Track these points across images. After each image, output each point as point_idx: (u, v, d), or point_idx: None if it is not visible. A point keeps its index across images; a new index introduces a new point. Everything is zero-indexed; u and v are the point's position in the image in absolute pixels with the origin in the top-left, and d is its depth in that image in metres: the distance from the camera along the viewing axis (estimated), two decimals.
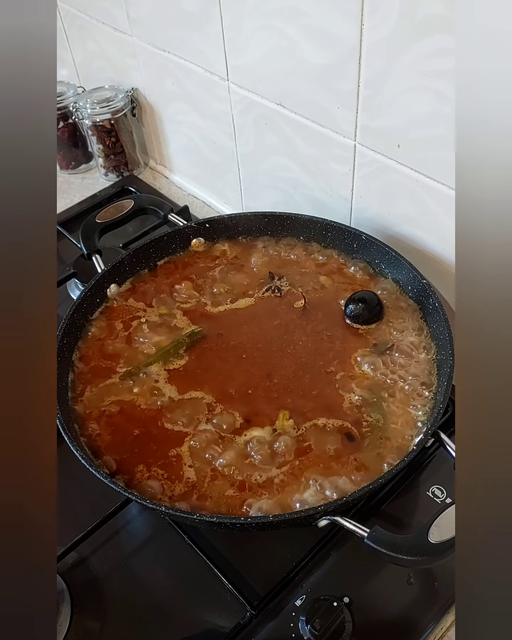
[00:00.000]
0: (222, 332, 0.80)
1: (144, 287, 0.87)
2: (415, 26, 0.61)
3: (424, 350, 0.75)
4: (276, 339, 0.79)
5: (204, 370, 0.76)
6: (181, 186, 1.26)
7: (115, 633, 0.68)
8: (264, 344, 0.78)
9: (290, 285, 0.85)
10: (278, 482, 0.65)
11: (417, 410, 0.69)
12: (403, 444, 0.67)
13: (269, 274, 0.86)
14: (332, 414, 0.70)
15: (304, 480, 0.65)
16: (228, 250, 0.91)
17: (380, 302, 0.79)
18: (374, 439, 0.68)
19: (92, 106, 1.17)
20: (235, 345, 0.78)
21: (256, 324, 0.81)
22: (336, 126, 0.79)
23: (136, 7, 1.00)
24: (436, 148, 0.68)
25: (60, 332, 0.75)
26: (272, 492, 0.65)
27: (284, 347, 0.78)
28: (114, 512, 0.73)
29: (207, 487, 0.66)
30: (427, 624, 0.66)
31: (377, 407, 0.70)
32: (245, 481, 0.66)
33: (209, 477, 0.66)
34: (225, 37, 0.85)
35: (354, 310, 0.78)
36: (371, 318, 0.78)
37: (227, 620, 0.68)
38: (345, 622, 0.65)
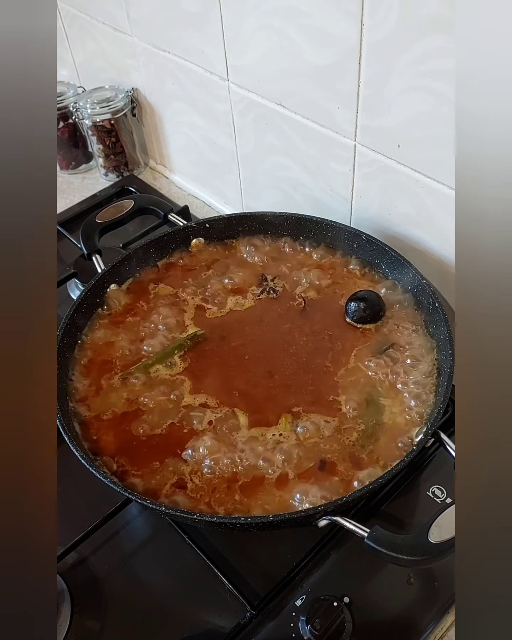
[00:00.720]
0: (224, 334, 0.80)
1: (144, 288, 0.87)
2: (415, 26, 0.61)
3: (424, 350, 0.75)
4: (277, 340, 0.79)
5: (204, 373, 0.76)
6: (181, 186, 1.26)
7: (115, 633, 0.68)
8: (265, 345, 0.78)
9: (289, 285, 0.85)
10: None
11: (417, 410, 0.69)
12: (403, 443, 0.67)
13: (261, 276, 0.86)
14: (331, 413, 0.71)
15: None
16: (228, 251, 0.91)
17: (381, 302, 0.79)
18: (369, 438, 0.68)
19: (92, 106, 1.17)
20: (237, 347, 0.78)
21: (256, 326, 0.81)
22: (336, 126, 0.79)
23: (136, 7, 1.00)
24: (436, 148, 0.68)
25: (60, 332, 0.75)
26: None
27: (285, 347, 0.77)
28: (114, 512, 0.73)
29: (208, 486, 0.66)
30: (427, 624, 0.66)
31: (376, 406, 0.70)
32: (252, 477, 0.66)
33: (214, 481, 0.67)
34: (225, 37, 0.85)
35: (355, 310, 0.78)
36: (371, 317, 0.78)
37: (227, 620, 0.68)
38: (345, 622, 0.65)
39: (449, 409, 0.78)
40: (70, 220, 1.16)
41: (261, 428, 0.70)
